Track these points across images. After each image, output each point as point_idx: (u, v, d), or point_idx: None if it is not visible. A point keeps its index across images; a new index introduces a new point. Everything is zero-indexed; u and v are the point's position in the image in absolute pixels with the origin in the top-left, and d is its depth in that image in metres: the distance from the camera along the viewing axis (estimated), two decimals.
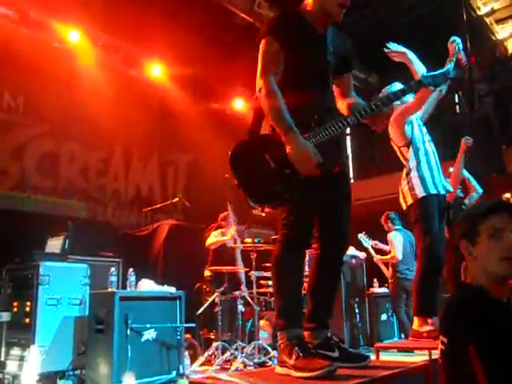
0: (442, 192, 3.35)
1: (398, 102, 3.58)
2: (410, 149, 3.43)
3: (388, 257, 6.11)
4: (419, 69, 3.33)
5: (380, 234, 6.44)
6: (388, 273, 6.18)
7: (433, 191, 3.28)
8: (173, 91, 8.52)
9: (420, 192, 3.29)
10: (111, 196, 8.18)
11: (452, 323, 1.60)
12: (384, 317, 6.71)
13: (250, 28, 7.02)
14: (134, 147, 8.59)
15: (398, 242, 5.98)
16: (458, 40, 3.44)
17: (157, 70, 8.23)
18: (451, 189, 3.54)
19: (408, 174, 3.39)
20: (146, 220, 7.86)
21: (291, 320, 2.21)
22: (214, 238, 5.89)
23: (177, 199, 6.81)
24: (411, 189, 3.34)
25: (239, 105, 9.55)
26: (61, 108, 7.31)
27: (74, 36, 7.11)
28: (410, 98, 3.53)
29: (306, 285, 5.13)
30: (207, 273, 5.77)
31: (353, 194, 2.41)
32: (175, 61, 8.01)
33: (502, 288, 1.66)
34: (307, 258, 5.31)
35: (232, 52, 7.32)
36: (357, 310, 6.04)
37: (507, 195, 8.17)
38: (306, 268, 5.39)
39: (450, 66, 2.73)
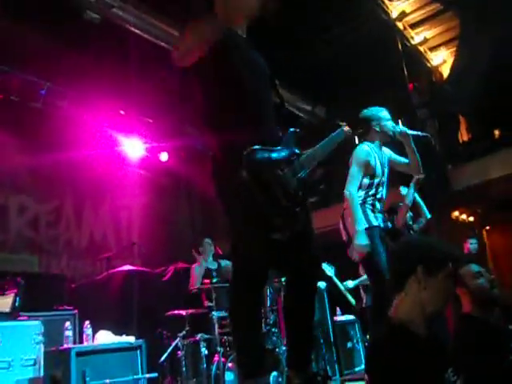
0: (382, 226, 3.47)
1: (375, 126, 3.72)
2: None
3: (364, 278, 6.20)
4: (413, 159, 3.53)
5: (339, 263, 6.48)
6: (353, 300, 6.33)
7: (374, 223, 3.40)
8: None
9: (364, 224, 3.39)
10: (64, 246, 7.97)
11: (368, 364, 1.64)
12: (349, 345, 6.70)
13: None
14: (85, 194, 8.44)
15: None
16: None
17: (104, 113, 8.15)
18: (390, 225, 3.68)
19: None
20: (102, 268, 7.67)
21: (251, 370, 2.13)
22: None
23: (132, 245, 6.70)
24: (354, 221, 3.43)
25: None
26: (7, 160, 7.14)
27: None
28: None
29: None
30: None
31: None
32: (124, 105, 7.97)
33: (426, 323, 1.72)
34: (268, 292, 5.35)
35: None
36: (321, 341, 6.01)
37: (456, 213, 8.45)
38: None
39: None
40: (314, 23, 7.23)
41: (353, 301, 6.40)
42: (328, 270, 6.37)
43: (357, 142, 3.92)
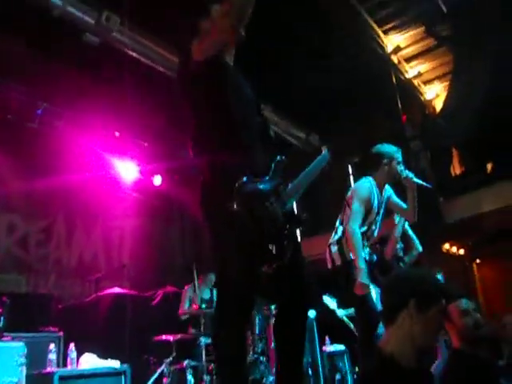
0: (367, 258, 3.47)
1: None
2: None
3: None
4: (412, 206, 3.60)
5: (330, 293, 6.36)
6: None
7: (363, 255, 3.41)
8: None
9: (350, 255, 3.39)
10: (53, 266, 7.88)
11: None
12: (338, 376, 6.59)
13: None
14: (76, 214, 8.39)
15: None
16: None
17: (99, 135, 8.17)
18: (375, 258, 3.66)
19: (340, 239, 3.50)
20: (90, 289, 7.58)
21: None
22: None
23: (122, 267, 6.63)
24: (340, 251, 3.43)
25: None
26: None
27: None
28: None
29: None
30: None
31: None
32: (119, 127, 7.99)
33: (416, 356, 1.71)
34: (257, 320, 5.28)
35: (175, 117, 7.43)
36: (310, 372, 5.92)
37: (446, 246, 8.46)
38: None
39: None
40: (309, 53, 7.35)
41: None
42: (330, 302, 6.19)
43: (350, 171, 3.95)
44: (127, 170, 8.34)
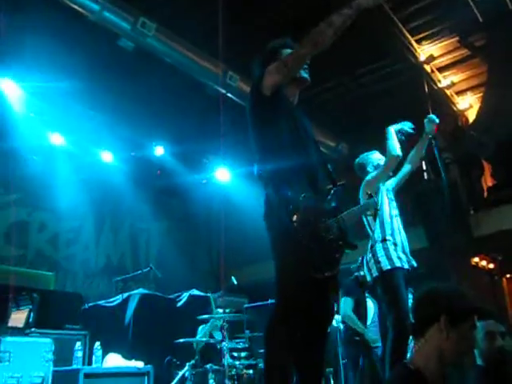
0: (406, 266, 3.39)
1: (369, 169, 3.76)
2: (377, 221, 3.48)
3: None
4: (392, 147, 3.57)
5: None
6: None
7: (398, 264, 3.33)
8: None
9: (385, 265, 3.32)
10: (81, 265, 8.02)
11: None
12: None
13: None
14: (105, 215, 8.54)
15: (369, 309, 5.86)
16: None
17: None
18: (415, 264, 3.56)
19: (373, 246, 3.44)
20: (117, 289, 7.70)
21: None
22: None
23: (148, 269, 6.70)
24: (376, 261, 3.37)
25: (221, 175, 8.98)
26: (32, 176, 7.30)
27: None
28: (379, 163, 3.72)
29: None
30: None
31: None
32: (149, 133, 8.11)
33: (442, 372, 1.69)
34: None
35: (206, 123, 7.51)
36: (332, 382, 5.87)
37: (476, 259, 8.29)
38: None
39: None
40: (341, 62, 7.31)
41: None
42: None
43: None
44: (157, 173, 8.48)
